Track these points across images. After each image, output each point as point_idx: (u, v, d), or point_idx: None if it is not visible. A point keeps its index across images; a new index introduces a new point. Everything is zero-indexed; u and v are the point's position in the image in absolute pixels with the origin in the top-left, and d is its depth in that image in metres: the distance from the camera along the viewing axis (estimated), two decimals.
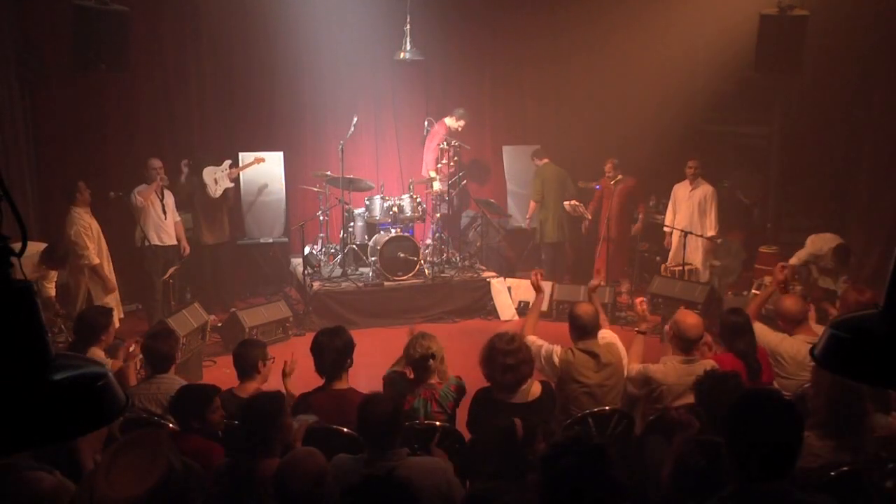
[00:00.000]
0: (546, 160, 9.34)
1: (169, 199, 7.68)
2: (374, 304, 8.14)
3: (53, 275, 6.62)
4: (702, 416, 3.51)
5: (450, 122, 9.13)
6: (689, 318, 4.23)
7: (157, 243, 7.51)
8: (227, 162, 8.40)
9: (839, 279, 7.45)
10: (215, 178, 8.25)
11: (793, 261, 7.65)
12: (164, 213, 7.57)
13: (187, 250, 7.90)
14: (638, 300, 4.85)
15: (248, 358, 4.13)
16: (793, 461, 2.23)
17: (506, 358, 3.77)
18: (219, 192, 8.26)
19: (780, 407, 2.28)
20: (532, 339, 4.40)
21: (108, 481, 2.13)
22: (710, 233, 8.40)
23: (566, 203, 9.07)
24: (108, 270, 7.05)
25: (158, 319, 6.91)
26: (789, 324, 4.58)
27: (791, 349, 4.43)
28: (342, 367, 3.94)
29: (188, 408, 3.46)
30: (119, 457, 2.22)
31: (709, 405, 3.28)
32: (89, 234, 6.81)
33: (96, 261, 6.82)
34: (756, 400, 2.36)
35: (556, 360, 4.28)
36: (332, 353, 3.91)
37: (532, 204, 9.39)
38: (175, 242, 7.73)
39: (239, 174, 8.59)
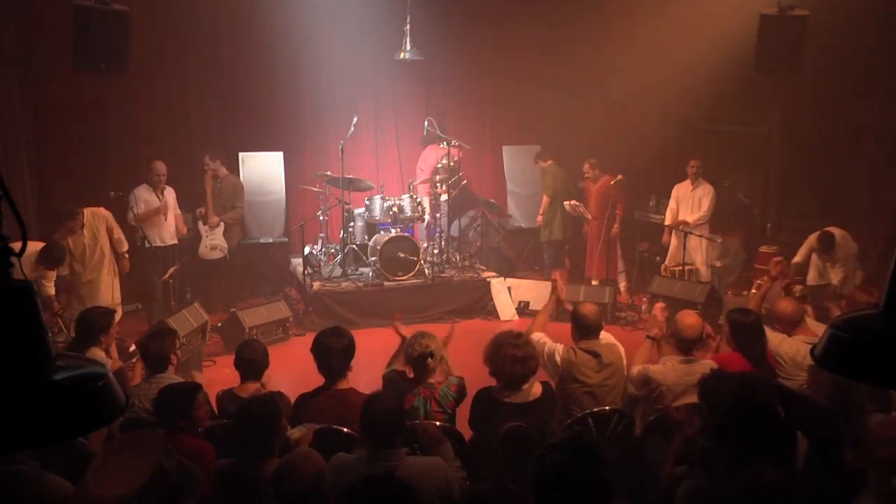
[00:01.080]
0: (550, 161, 9.35)
1: (170, 196, 7.67)
2: (374, 304, 8.13)
3: (52, 274, 6.60)
4: (703, 415, 3.50)
5: (442, 147, 9.06)
6: (688, 319, 4.23)
7: (159, 244, 7.51)
8: (201, 224, 8.19)
9: (835, 267, 7.50)
10: (209, 247, 8.15)
11: (796, 259, 7.67)
12: (165, 213, 7.58)
13: (184, 231, 7.89)
14: (658, 306, 4.78)
15: (255, 363, 4.14)
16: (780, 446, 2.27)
17: (515, 350, 3.80)
18: (218, 254, 8.18)
19: (767, 409, 2.31)
20: (537, 336, 4.41)
21: (97, 481, 2.15)
22: (691, 219, 8.39)
23: (566, 203, 9.07)
24: (100, 279, 7.01)
25: (158, 319, 6.91)
26: (786, 325, 4.57)
27: (790, 350, 4.42)
28: (347, 366, 3.95)
29: (172, 408, 3.46)
30: (111, 457, 2.23)
31: (713, 405, 3.28)
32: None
33: (64, 272, 6.73)
34: (746, 404, 2.39)
35: (557, 359, 4.28)
36: (339, 353, 3.91)
37: (545, 199, 9.34)
38: (175, 241, 7.73)
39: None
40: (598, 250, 8.89)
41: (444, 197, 8.90)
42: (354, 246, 8.55)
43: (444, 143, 8.86)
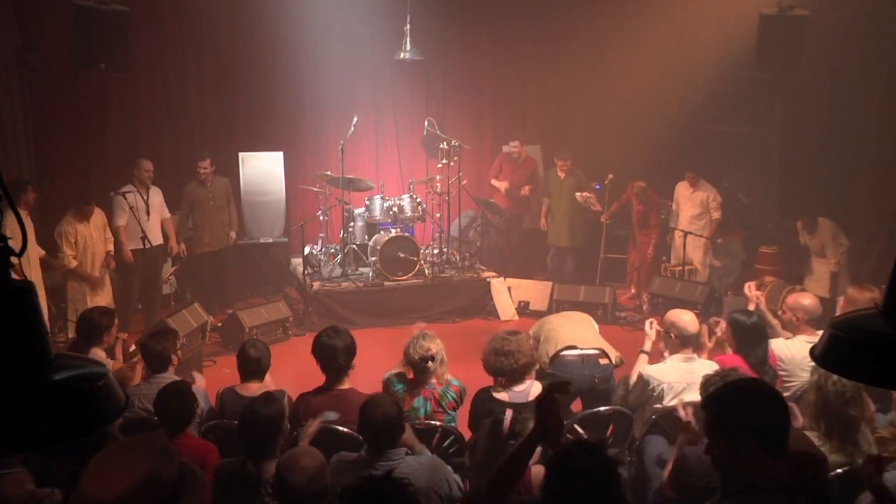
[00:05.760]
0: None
1: (155, 196, 7.58)
2: (374, 304, 8.14)
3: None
4: (702, 417, 3.50)
5: (506, 148, 9.33)
6: (685, 315, 4.23)
7: (138, 247, 7.33)
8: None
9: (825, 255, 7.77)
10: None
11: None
12: (148, 213, 7.40)
13: (175, 250, 7.83)
14: (649, 322, 4.65)
15: (259, 362, 4.15)
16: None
17: (503, 343, 3.84)
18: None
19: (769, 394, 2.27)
20: None
21: (90, 481, 2.15)
22: (707, 233, 8.40)
23: (578, 195, 8.80)
24: (98, 273, 7.04)
25: (157, 320, 6.92)
26: (807, 322, 4.54)
27: (791, 350, 4.42)
28: (349, 365, 3.96)
29: (173, 407, 3.48)
30: (107, 459, 2.23)
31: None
32: (69, 240, 6.81)
33: (72, 264, 6.80)
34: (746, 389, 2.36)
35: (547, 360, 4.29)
36: (342, 352, 3.92)
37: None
38: (161, 242, 7.62)
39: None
40: (642, 265, 8.85)
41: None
42: (354, 246, 8.55)
43: (444, 143, 8.80)
